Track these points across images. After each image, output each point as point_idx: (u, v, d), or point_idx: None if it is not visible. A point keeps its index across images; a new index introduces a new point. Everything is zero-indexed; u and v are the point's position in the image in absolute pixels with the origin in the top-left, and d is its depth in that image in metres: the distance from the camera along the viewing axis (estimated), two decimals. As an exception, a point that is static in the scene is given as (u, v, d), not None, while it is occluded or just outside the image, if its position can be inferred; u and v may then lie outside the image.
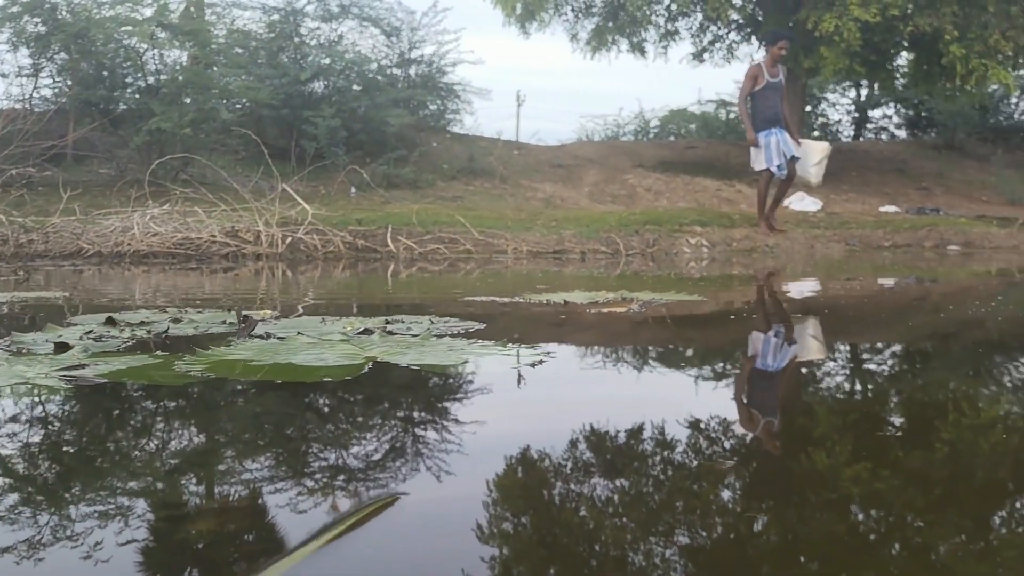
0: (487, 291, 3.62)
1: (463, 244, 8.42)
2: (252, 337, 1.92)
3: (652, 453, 1.17)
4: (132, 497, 0.99)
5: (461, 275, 5.51)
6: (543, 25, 15.18)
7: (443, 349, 1.73)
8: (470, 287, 4.16)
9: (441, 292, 4.00)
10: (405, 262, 7.50)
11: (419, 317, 2.30)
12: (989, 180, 14.65)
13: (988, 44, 12.28)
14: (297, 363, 1.59)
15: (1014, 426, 1.45)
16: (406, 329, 2.08)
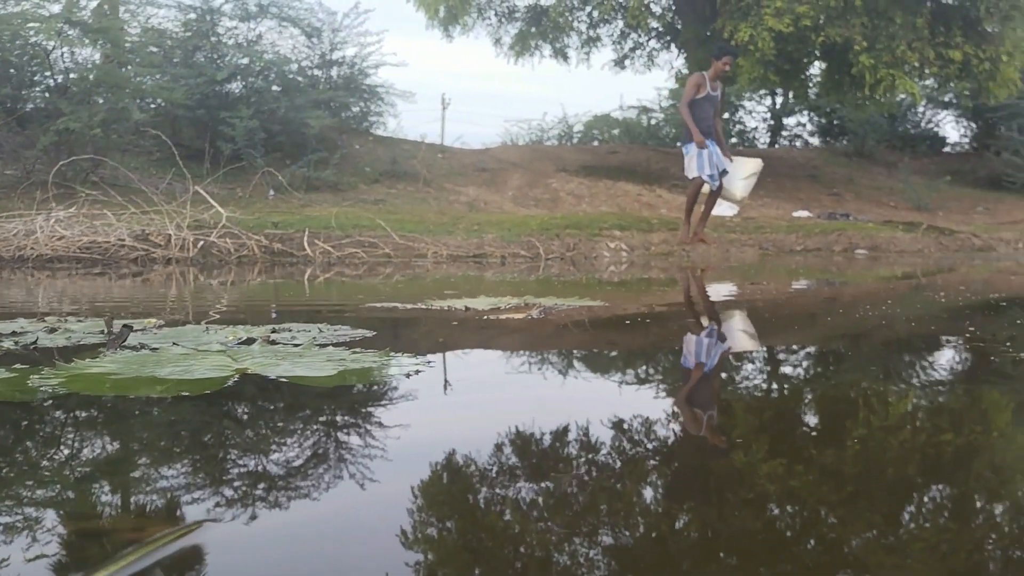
0: (394, 297, 3.57)
1: (382, 248, 8.33)
2: (124, 348, 1.84)
3: (528, 459, 1.16)
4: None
5: (374, 280, 5.44)
6: (467, 29, 15.17)
7: (321, 360, 1.69)
8: (378, 293, 4.10)
9: (346, 298, 3.93)
10: (322, 266, 7.38)
11: (310, 325, 2.25)
12: (897, 186, 15.20)
13: (895, 55, 12.73)
14: (160, 376, 1.53)
15: (921, 424, 1.48)
16: (291, 338, 2.03)
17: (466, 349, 2.18)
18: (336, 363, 1.65)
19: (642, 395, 1.62)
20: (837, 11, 12.45)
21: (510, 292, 3.54)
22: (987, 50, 13.32)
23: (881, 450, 1.31)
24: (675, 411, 1.46)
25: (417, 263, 7.74)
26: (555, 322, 2.48)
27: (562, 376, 1.80)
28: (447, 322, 2.57)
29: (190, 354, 1.73)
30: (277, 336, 2.04)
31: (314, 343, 1.93)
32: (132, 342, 1.91)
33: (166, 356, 1.71)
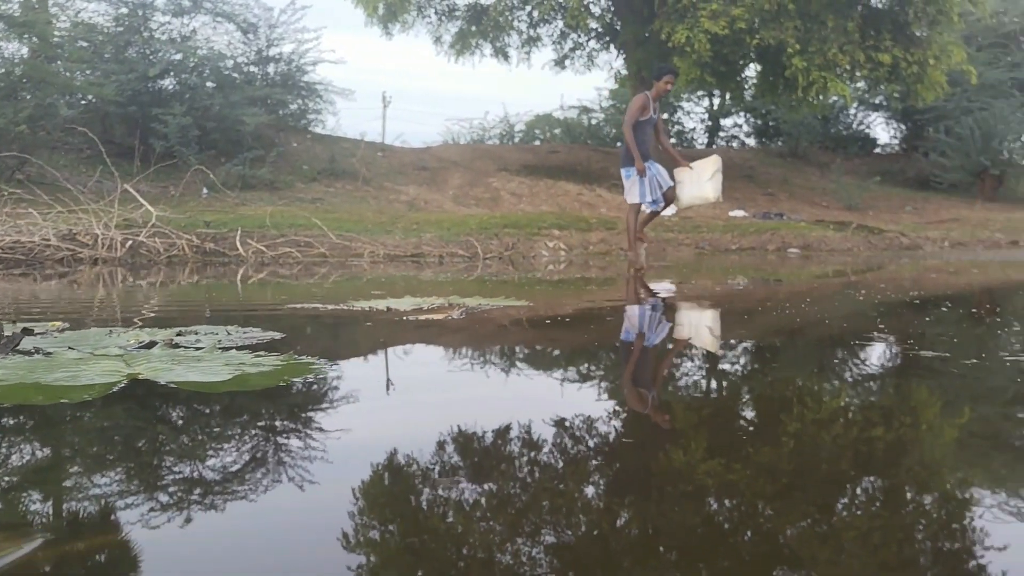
0: (319, 298, 3.53)
1: (318, 248, 8.23)
2: (17, 352, 1.78)
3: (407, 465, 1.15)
4: None
5: (306, 281, 5.37)
6: (406, 27, 15.08)
7: (219, 364, 1.65)
8: (303, 293, 4.04)
9: (269, 299, 3.87)
10: (255, 266, 7.26)
11: (220, 328, 2.20)
12: (829, 186, 15.55)
13: (827, 58, 13.02)
14: (46, 382, 1.48)
15: (853, 419, 1.51)
16: (195, 341, 1.98)
17: (374, 350, 2.16)
18: (234, 367, 1.62)
19: (557, 395, 1.63)
20: (771, 14, 12.67)
21: (437, 292, 3.53)
22: (915, 54, 13.71)
23: (815, 445, 1.34)
24: (600, 411, 1.47)
25: (353, 263, 7.66)
26: (474, 323, 2.48)
27: (469, 377, 1.80)
28: (362, 323, 2.54)
29: (84, 359, 1.69)
30: (182, 339, 2.00)
31: (217, 347, 1.89)
32: (27, 346, 1.85)
33: (58, 361, 1.66)
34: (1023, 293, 4.61)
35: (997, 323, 2.76)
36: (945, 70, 14.12)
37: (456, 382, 1.71)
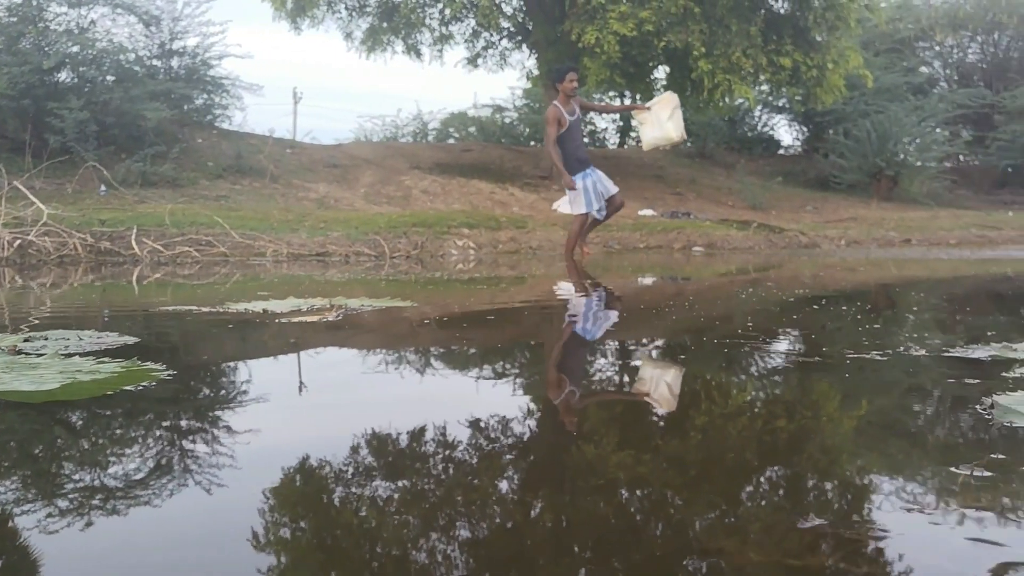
0: (199, 299, 3.44)
1: (218, 247, 8.03)
2: None
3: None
4: None
5: (198, 281, 5.23)
6: (316, 22, 14.84)
7: (54, 372, 1.59)
8: (187, 295, 3.93)
9: (149, 301, 3.75)
10: (151, 266, 7.05)
11: (72, 332, 2.12)
12: (735, 186, 15.98)
13: (731, 61, 13.35)
14: None
15: (758, 412, 1.55)
16: (40, 347, 1.90)
17: (227, 356, 2.10)
18: (68, 375, 1.56)
19: (421, 402, 1.62)
20: (677, 17, 12.93)
21: (326, 293, 3.48)
22: (815, 58, 14.18)
23: (722, 437, 1.38)
24: (481, 417, 1.47)
25: (256, 263, 7.51)
26: (346, 325, 2.45)
27: (317, 381, 1.77)
28: (225, 327, 2.49)
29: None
30: (27, 345, 1.91)
31: (62, 352, 1.82)
32: None
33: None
34: (914, 290, 4.82)
35: (891, 318, 2.87)
36: (843, 74, 14.65)
37: (300, 387, 1.68)
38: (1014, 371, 1.69)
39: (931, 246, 12.53)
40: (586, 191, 7.86)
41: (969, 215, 16.75)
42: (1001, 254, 9.54)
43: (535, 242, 10.16)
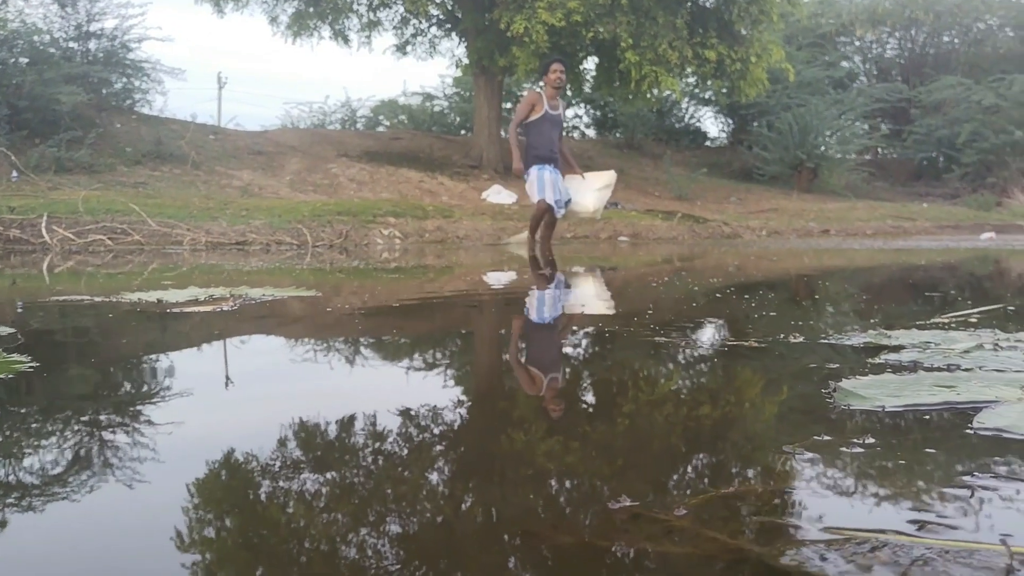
0: (97, 289, 3.36)
1: (133, 235, 7.83)
2: None
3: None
4: None
5: (106, 270, 5.10)
6: (240, 5, 14.52)
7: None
8: (85, 284, 3.82)
9: (41, 290, 3.64)
10: (62, 255, 6.83)
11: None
12: (662, 177, 16.22)
13: (658, 53, 13.51)
14: None
15: (684, 398, 1.57)
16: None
17: (103, 348, 2.05)
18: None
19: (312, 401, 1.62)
20: (605, 8, 13.03)
21: (230, 283, 3.43)
22: (738, 51, 14.45)
23: (649, 424, 1.39)
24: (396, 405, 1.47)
25: (172, 251, 7.34)
26: (238, 316, 2.42)
27: (188, 372, 1.76)
28: (107, 316, 2.44)
29: None
30: None
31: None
32: None
33: None
34: (819, 279, 4.98)
35: (787, 307, 2.97)
36: (766, 68, 14.96)
37: (173, 383, 1.67)
38: (879, 357, 1.77)
39: (848, 236, 12.92)
40: (540, 180, 7.47)
41: (885, 206, 17.33)
42: (911, 244, 9.92)
43: (462, 231, 10.16)
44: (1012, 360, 1.71)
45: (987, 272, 5.41)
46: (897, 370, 1.60)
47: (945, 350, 1.83)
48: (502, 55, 13.77)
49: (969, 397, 1.36)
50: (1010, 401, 1.34)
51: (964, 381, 1.48)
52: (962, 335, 2.06)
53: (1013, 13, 24.85)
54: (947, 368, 1.63)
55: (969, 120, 20.74)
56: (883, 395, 1.35)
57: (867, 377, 1.49)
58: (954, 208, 18.45)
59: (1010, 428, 1.18)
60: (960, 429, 1.16)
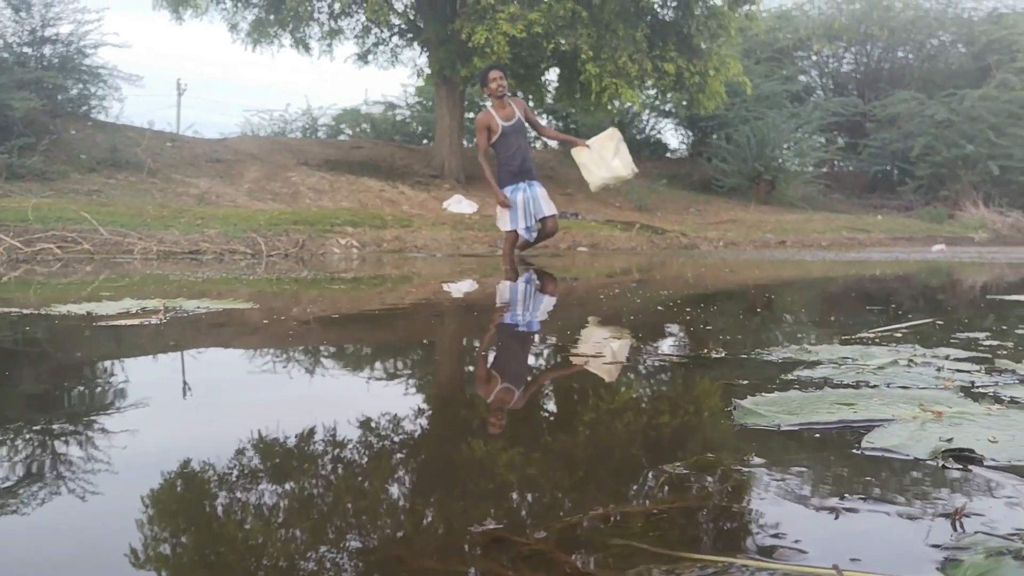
0: (31, 300, 3.31)
1: (83, 244, 7.72)
2: None
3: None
4: None
5: (53, 280, 5.02)
6: (199, 12, 14.40)
7: None
8: (17, 295, 3.75)
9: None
10: (10, 264, 6.71)
11: None
12: (623, 188, 16.34)
13: (618, 65, 13.65)
14: None
15: (644, 408, 1.58)
16: None
17: (12, 364, 2.02)
18: None
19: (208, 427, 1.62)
20: (566, 20, 13.14)
21: (167, 294, 3.40)
22: (697, 65, 14.65)
23: (609, 433, 1.39)
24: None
25: (123, 260, 7.25)
26: (164, 330, 2.40)
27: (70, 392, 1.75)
28: (25, 329, 2.41)
29: None
30: None
31: None
32: None
33: None
34: (764, 291, 5.05)
35: (720, 321, 3.01)
36: (724, 81, 15.18)
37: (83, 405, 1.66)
38: (792, 373, 1.80)
39: (804, 248, 13.12)
40: (514, 207, 7.29)
41: (841, 218, 17.63)
42: (863, 256, 10.09)
43: (420, 241, 10.16)
44: (921, 377, 1.75)
45: (930, 285, 5.54)
46: (805, 387, 1.63)
47: (860, 366, 1.87)
48: (464, 65, 13.81)
49: (866, 416, 1.40)
50: (905, 420, 1.38)
51: (866, 399, 1.52)
52: (882, 350, 2.10)
53: (965, 30, 25.46)
54: (854, 385, 1.67)
55: (922, 134, 21.19)
56: (782, 413, 1.39)
57: (773, 394, 1.52)
58: (908, 220, 18.82)
59: (896, 448, 1.21)
60: (847, 449, 1.18)
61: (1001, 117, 20.90)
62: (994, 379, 1.73)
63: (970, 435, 1.32)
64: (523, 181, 7.34)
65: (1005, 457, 1.20)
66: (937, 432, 1.32)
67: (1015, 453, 1.23)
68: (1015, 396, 1.57)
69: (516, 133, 7.31)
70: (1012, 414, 1.46)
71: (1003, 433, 1.34)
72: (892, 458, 1.16)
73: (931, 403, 1.51)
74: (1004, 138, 20.65)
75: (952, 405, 1.51)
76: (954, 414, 1.44)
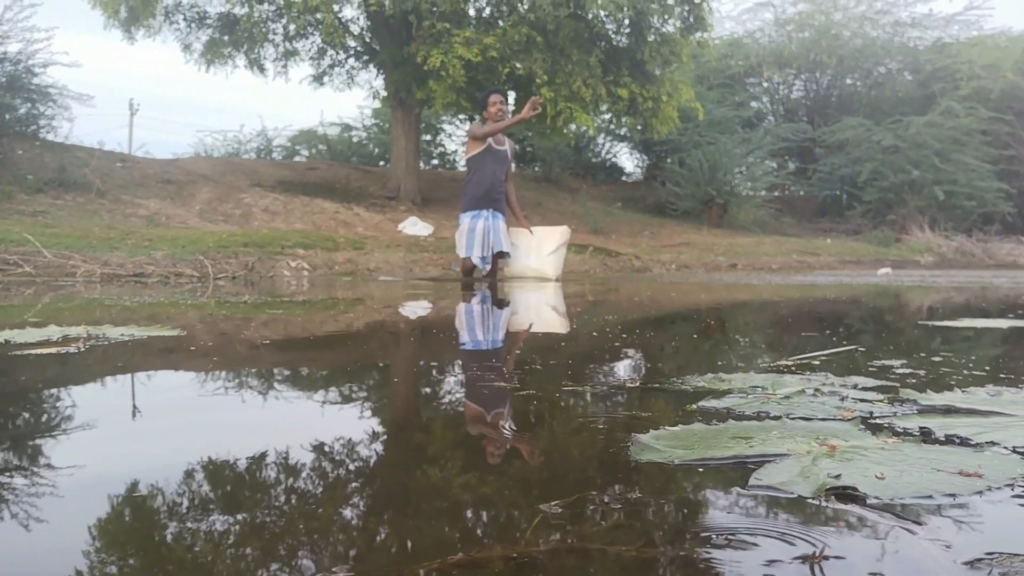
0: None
1: (23, 267, 7.57)
2: None
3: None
4: None
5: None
6: (152, 32, 14.29)
7: None
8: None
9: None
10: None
11: None
12: (579, 211, 16.48)
13: (572, 90, 13.81)
14: None
15: (599, 430, 1.58)
16: None
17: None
18: None
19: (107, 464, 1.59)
20: (521, 45, 13.27)
21: (94, 320, 3.35)
22: (650, 90, 14.88)
23: (564, 457, 1.39)
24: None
25: (65, 283, 7.11)
26: (79, 359, 2.37)
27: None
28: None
29: None
30: None
31: None
32: None
33: None
34: (697, 316, 5.12)
35: (641, 350, 3.04)
36: (676, 106, 15.44)
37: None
38: (700, 403, 1.83)
39: (755, 271, 13.31)
40: (470, 232, 7.04)
41: (792, 242, 17.96)
42: (810, 280, 10.26)
43: (373, 264, 10.12)
44: (822, 407, 1.79)
45: (868, 310, 5.65)
46: (709, 418, 1.64)
47: (768, 395, 1.91)
48: (419, 88, 13.87)
49: (762, 450, 1.42)
50: (799, 454, 1.41)
51: (766, 431, 1.54)
52: (794, 379, 2.14)
53: (911, 58, 26.23)
54: (756, 416, 1.69)
55: (870, 160, 21.73)
56: (679, 448, 1.41)
57: (676, 428, 1.54)
58: (856, 244, 19.23)
59: (782, 486, 1.22)
60: (734, 486, 1.20)
61: (946, 143, 21.52)
62: (893, 409, 1.77)
63: (859, 471, 1.33)
64: (487, 209, 7.18)
65: (889, 494, 1.20)
66: (828, 468, 1.34)
67: (899, 490, 1.25)
68: (908, 428, 1.61)
69: (497, 161, 7.17)
70: (906, 448, 1.49)
71: (892, 468, 1.36)
72: (774, 496, 1.17)
73: (830, 436, 1.54)
74: (948, 164, 21.26)
75: (849, 438, 1.54)
76: (848, 448, 1.47)
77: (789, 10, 26.10)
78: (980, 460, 1.44)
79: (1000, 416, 1.76)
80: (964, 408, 1.82)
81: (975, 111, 22.18)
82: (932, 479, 1.33)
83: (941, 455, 1.47)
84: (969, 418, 1.73)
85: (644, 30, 14.47)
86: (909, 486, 1.27)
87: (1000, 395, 1.98)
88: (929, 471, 1.38)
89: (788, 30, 25.69)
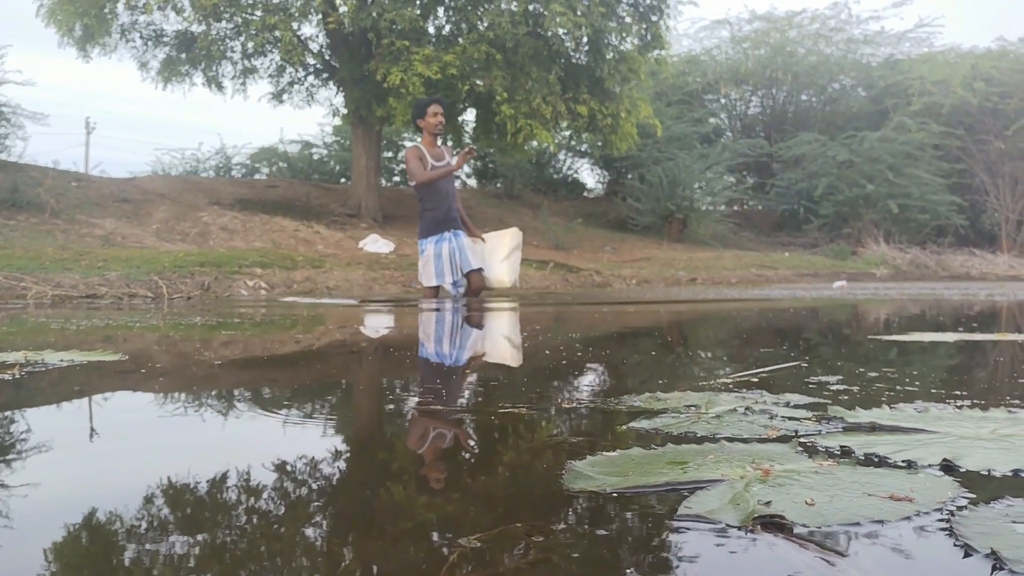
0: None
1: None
2: None
3: None
4: None
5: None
6: (108, 50, 14.13)
7: None
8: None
9: None
10: None
11: None
12: (540, 227, 16.54)
13: (532, 107, 13.90)
14: None
15: (562, 447, 1.57)
16: None
17: None
18: None
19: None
20: (480, 63, 13.34)
21: (34, 345, 3.28)
22: (609, 107, 15.03)
23: (528, 473, 1.38)
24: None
25: (13, 306, 6.97)
26: (14, 387, 2.32)
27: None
28: None
29: None
30: None
31: None
32: None
33: None
34: (645, 332, 5.14)
35: (614, 365, 3.04)
36: (635, 123, 15.60)
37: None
38: (631, 424, 1.82)
39: (714, 284, 13.44)
40: (437, 259, 6.77)
41: (750, 255, 18.19)
42: (766, 293, 10.37)
43: (332, 282, 10.06)
44: (751, 426, 1.79)
45: (819, 324, 5.73)
46: (641, 440, 1.65)
47: (700, 415, 1.91)
48: (379, 105, 13.86)
49: (695, 476, 1.42)
50: (732, 480, 1.42)
51: (702, 456, 1.55)
52: (730, 397, 2.15)
53: (864, 75, 26.79)
54: (685, 437, 1.69)
55: (825, 174, 22.12)
56: (612, 475, 1.41)
57: (614, 453, 1.53)
58: (813, 257, 19.53)
59: (711, 514, 1.21)
60: (662, 516, 1.20)
61: (899, 158, 21.98)
62: (819, 427, 1.78)
63: (790, 497, 1.32)
64: (448, 231, 6.91)
65: (816, 522, 1.18)
66: (760, 494, 1.33)
67: (827, 517, 1.22)
68: (830, 446, 1.62)
69: (446, 177, 6.85)
70: (840, 471, 1.49)
71: (824, 494, 1.35)
72: (699, 527, 1.16)
73: (765, 459, 1.55)
74: (902, 178, 21.70)
75: (785, 462, 1.55)
76: (782, 472, 1.47)
77: (745, 28, 26.59)
78: (913, 483, 1.44)
79: (922, 433, 1.78)
80: (888, 426, 1.84)
81: (927, 126, 22.70)
82: (862, 504, 1.31)
83: (875, 478, 1.47)
84: (892, 436, 1.74)
85: (602, 48, 14.63)
86: (838, 512, 1.24)
87: (927, 411, 2.01)
88: (860, 495, 1.36)
89: (744, 47, 26.11)
